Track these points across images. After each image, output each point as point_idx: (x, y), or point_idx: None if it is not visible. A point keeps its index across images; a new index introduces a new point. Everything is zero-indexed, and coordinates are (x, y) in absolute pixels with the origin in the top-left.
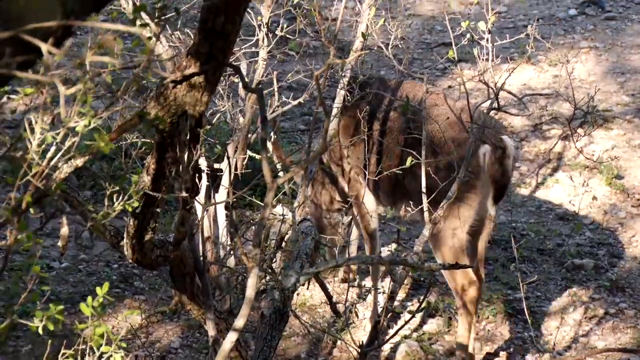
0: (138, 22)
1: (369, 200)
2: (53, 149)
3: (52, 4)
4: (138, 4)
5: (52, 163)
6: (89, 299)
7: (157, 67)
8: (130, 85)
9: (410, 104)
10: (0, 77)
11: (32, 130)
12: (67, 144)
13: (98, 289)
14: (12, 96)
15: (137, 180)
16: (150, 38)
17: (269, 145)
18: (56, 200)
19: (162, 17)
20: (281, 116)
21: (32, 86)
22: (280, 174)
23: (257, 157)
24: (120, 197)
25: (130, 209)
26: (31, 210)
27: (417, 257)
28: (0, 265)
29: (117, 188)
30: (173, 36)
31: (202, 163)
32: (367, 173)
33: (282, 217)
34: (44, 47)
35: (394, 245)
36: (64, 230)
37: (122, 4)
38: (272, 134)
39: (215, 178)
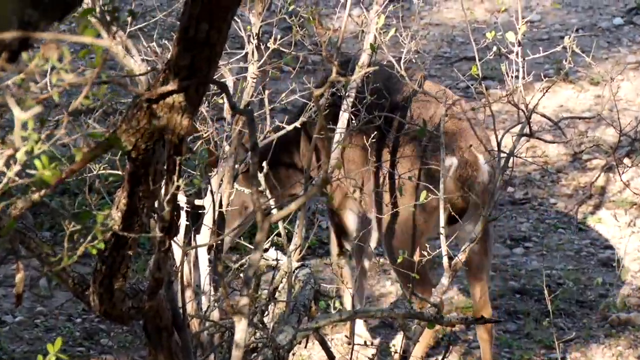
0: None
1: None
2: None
3: (6, 12)
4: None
5: None
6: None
7: (129, 84)
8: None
9: (427, 129)
10: None
11: None
12: (9, 173)
13: (50, 346)
14: None
15: (103, 218)
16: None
17: (260, 177)
18: (9, 242)
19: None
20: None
21: None
22: (274, 211)
23: (246, 191)
24: (84, 238)
25: (94, 252)
26: None
27: (434, 310)
28: None
29: (80, 227)
30: (148, 48)
31: (181, 198)
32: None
33: (275, 263)
34: None
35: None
36: (20, 276)
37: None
38: (263, 163)
39: (196, 216)
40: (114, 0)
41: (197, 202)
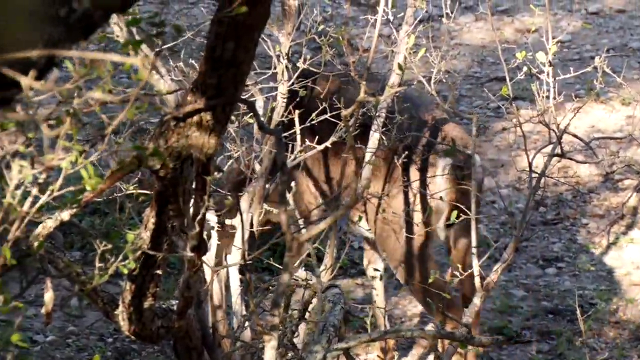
0: (132, 46)
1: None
2: (34, 190)
3: (33, 31)
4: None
5: (33, 210)
6: None
7: (157, 103)
8: (127, 122)
9: (457, 148)
10: None
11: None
12: (52, 187)
13: None
14: None
15: (134, 238)
16: (152, 65)
17: (289, 197)
18: (39, 261)
19: (160, 42)
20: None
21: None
22: (304, 231)
23: (275, 211)
24: (114, 258)
25: (126, 271)
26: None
27: (466, 330)
28: None
29: (110, 247)
30: (176, 68)
31: (212, 218)
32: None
33: (305, 283)
34: (24, 81)
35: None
36: (49, 295)
37: (115, 31)
38: (292, 184)
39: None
40: (159, 14)
41: (228, 221)
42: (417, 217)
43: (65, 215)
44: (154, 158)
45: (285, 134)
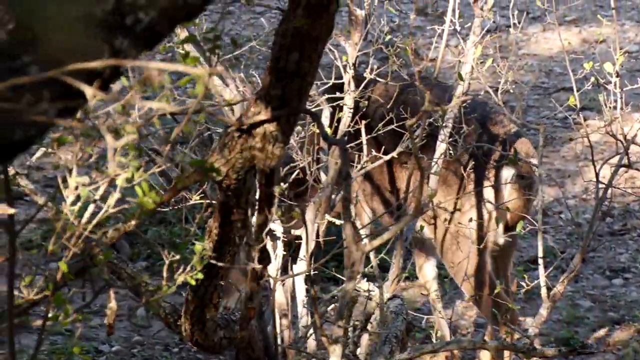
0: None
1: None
2: (91, 207)
3: (97, 41)
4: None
5: (91, 225)
6: None
7: (221, 114)
8: (189, 133)
9: (521, 158)
10: (37, 125)
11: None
12: (109, 201)
13: None
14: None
15: (200, 249)
16: (211, 75)
17: (353, 207)
18: (103, 272)
19: (222, 53)
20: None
21: (74, 136)
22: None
23: (339, 222)
24: (182, 268)
25: (193, 282)
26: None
27: (528, 341)
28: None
29: (178, 257)
30: (237, 79)
31: (277, 228)
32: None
33: (367, 294)
34: (89, 91)
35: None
36: (111, 306)
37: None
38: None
39: (292, 246)
40: (215, 29)
41: (294, 231)
42: (485, 229)
43: (131, 225)
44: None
45: (351, 144)
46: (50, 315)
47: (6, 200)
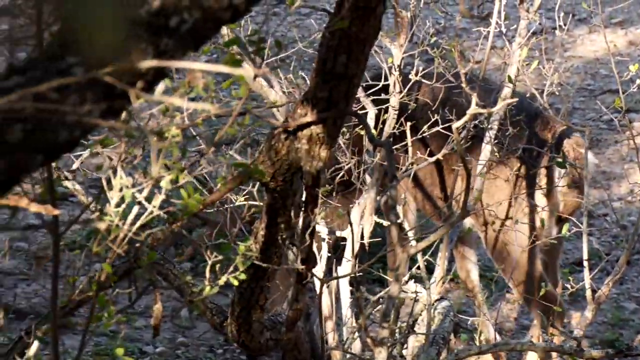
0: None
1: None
2: (136, 208)
3: (142, 42)
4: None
5: (135, 227)
6: None
7: (267, 116)
8: (239, 135)
9: (569, 161)
10: (81, 126)
11: (111, 188)
12: (154, 202)
13: None
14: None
15: (244, 250)
16: (256, 76)
17: (399, 209)
18: (147, 272)
19: (268, 54)
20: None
21: (118, 137)
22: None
23: (386, 223)
24: (225, 269)
25: (236, 283)
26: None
27: (576, 343)
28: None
29: (221, 258)
30: (286, 79)
31: (322, 230)
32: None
33: (414, 295)
34: (132, 92)
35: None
36: (157, 307)
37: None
38: (403, 196)
39: (337, 248)
40: (259, 31)
41: (339, 233)
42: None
43: (175, 227)
44: (254, 174)
45: (396, 146)
46: (93, 316)
47: (50, 201)
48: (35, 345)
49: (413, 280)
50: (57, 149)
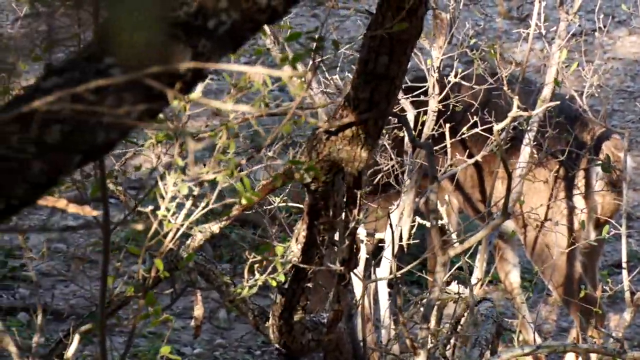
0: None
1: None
2: (189, 203)
3: (180, 44)
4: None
5: (187, 222)
6: None
7: (308, 116)
8: (278, 136)
9: (612, 165)
10: (119, 128)
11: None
12: (207, 199)
13: None
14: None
15: (283, 250)
16: (303, 78)
17: (442, 210)
18: (187, 273)
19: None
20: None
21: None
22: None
23: (427, 224)
24: (264, 270)
25: (274, 284)
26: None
27: (618, 345)
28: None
29: (260, 259)
30: (330, 80)
31: (361, 232)
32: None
33: (457, 296)
34: (170, 94)
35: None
36: (199, 309)
37: (266, 43)
38: (446, 196)
39: (376, 249)
40: (319, 29)
41: (378, 235)
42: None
43: (215, 227)
44: (305, 172)
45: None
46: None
47: (102, 199)
48: (74, 345)
49: (456, 281)
50: (95, 150)
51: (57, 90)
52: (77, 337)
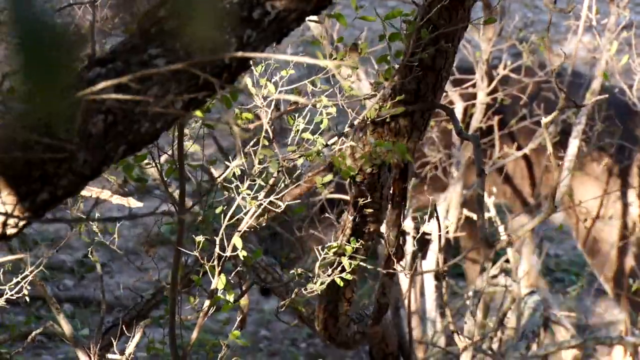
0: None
1: None
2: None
3: (225, 34)
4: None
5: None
6: None
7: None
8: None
9: None
10: (164, 118)
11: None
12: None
13: None
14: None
15: (351, 251)
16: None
17: (490, 202)
18: (233, 265)
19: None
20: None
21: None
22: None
23: (474, 217)
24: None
25: (342, 284)
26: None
27: None
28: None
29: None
30: (377, 71)
31: (408, 224)
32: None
33: (504, 289)
34: (216, 84)
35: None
36: (244, 300)
37: (315, 34)
38: (493, 189)
39: (423, 242)
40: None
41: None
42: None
43: (261, 219)
44: (350, 163)
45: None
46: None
47: (180, 181)
48: (135, 340)
49: (503, 274)
50: (139, 141)
51: (100, 80)
52: (139, 331)
